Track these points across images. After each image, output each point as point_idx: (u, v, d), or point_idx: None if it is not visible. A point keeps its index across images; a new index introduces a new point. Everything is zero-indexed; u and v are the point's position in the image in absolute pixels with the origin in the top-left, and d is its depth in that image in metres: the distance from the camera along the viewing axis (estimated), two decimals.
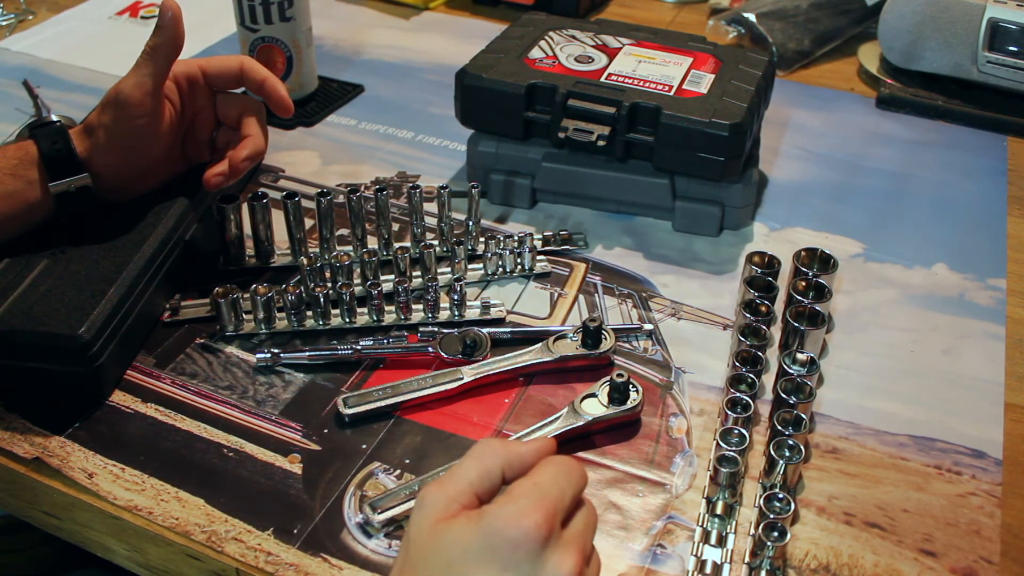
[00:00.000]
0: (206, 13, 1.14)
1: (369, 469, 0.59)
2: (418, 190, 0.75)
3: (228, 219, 0.73)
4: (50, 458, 0.60)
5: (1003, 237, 0.83)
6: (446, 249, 0.77)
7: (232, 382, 0.66)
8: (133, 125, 0.67)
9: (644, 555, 0.55)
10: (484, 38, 0.89)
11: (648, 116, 0.76)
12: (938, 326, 0.73)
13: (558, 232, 0.80)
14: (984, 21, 0.96)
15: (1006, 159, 0.94)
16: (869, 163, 0.93)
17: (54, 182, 0.66)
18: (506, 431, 0.62)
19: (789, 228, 0.83)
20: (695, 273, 0.77)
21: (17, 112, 0.97)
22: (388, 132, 0.96)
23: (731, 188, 0.79)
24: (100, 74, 1.04)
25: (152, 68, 0.67)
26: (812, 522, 0.57)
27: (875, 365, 0.69)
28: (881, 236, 0.82)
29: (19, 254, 0.66)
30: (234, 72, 0.72)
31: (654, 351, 0.69)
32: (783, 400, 0.61)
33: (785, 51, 1.09)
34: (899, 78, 1.04)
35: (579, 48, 0.86)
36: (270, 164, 0.89)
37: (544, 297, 0.74)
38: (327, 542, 0.55)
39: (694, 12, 1.23)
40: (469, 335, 0.68)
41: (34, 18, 1.19)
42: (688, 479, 0.60)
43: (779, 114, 0.99)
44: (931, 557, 0.55)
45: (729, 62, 0.84)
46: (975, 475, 0.61)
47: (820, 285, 0.69)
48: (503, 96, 0.79)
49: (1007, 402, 0.66)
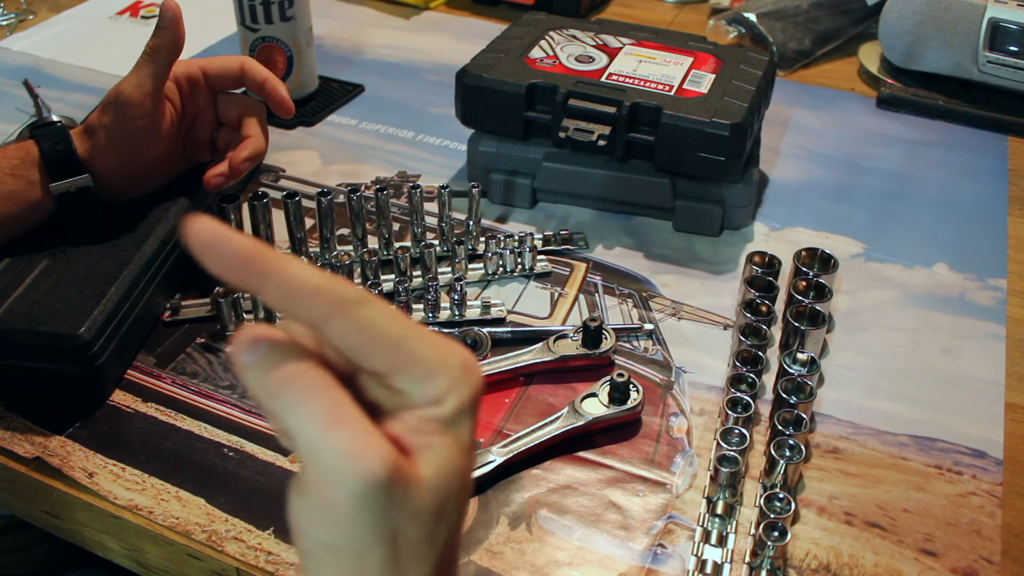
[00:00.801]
0: (206, 13, 1.14)
1: None
2: (418, 190, 0.75)
3: (229, 219, 0.73)
4: (50, 458, 0.60)
5: (1003, 237, 0.83)
6: (446, 249, 0.77)
7: (233, 381, 0.66)
8: (134, 126, 0.67)
9: (644, 555, 0.55)
10: (484, 38, 0.89)
11: (649, 116, 0.76)
12: (938, 326, 0.73)
13: (558, 232, 0.80)
14: (984, 21, 0.96)
15: (1006, 159, 0.94)
16: (869, 163, 0.93)
17: (55, 183, 0.66)
18: (506, 431, 0.62)
19: (789, 228, 0.83)
20: (695, 273, 0.77)
21: (18, 112, 0.97)
22: (388, 132, 0.96)
23: (731, 188, 0.79)
24: (100, 74, 1.04)
25: (153, 69, 0.67)
26: (812, 522, 0.57)
27: (875, 365, 0.69)
28: (881, 236, 0.82)
29: (19, 254, 0.66)
30: (235, 73, 0.72)
31: (654, 351, 0.69)
32: (783, 400, 0.61)
33: (785, 51, 1.09)
34: (899, 78, 1.04)
35: (579, 48, 0.86)
36: (270, 164, 0.89)
37: (544, 297, 0.74)
38: None
39: (694, 12, 1.23)
40: (469, 335, 0.68)
41: (34, 18, 1.19)
42: (688, 479, 0.60)
43: (779, 114, 0.99)
44: (932, 557, 0.55)
45: (729, 62, 0.84)
46: (976, 475, 0.61)
47: (820, 285, 0.69)
48: (503, 96, 0.79)
49: (1007, 402, 0.66)
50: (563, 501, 0.58)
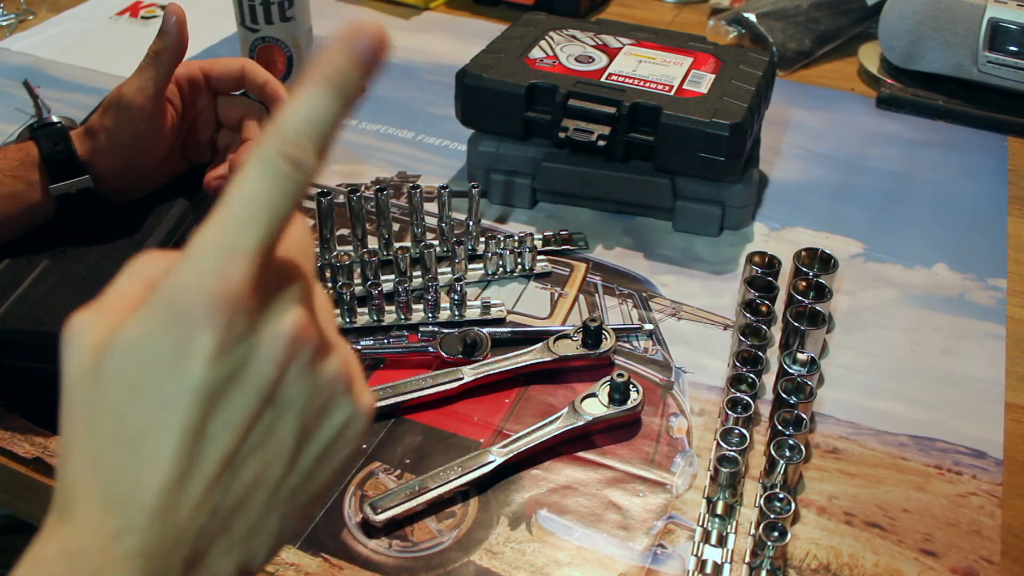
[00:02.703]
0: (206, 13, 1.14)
1: (369, 469, 0.60)
2: (418, 190, 0.75)
3: None
4: (51, 458, 0.60)
5: (1003, 237, 0.83)
6: (446, 249, 0.77)
7: None
8: (135, 129, 0.67)
9: (644, 555, 0.55)
10: (484, 38, 0.89)
11: (648, 116, 0.76)
12: (938, 326, 0.73)
13: (558, 232, 0.80)
14: (984, 21, 0.96)
15: (1006, 159, 0.94)
16: (869, 163, 0.93)
17: (55, 184, 0.66)
18: (506, 431, 0.62)
19: (789, 228, 0.83)
20: (695, 273, 0.77)
21: (18, 112, 0.97)
22: (388, 132, 0.96)
23: (731, 188, 0.79)
24: (100, 74, 1.04)
25: (155, 72, 0.67)
26: (812, 522, 0.57)
27: (875, 365, 0.69)
28: (881, 236, 0.82)
29: (19, 254, 0.66)
30: (235, 75, 0.72)
31: (654, 351, 0.69)
32: (783, 400, 0.61)
33: (785, 51, 1.09)
34: (899, 78, 1.04)
35: (579, 48, 0.86)
36: None
37: (544, 297, 0.74)
38: (327, 542, 0.55)
39: (694, 12, 1.23)
40: (469, 335, 0.68)
41: (34, 18, 1.19)
42: (688, 479, 0.60)
43: (779, 114, 0.99)
44: (931, 557, 0.55)
45: (729, 62, 0.84)
46: (975, 475, 0.61)
47: (820, 285, 0.69)
48: (503, 96, 0.79)
49: (1007, 402, 0.66)
50: (563, 501, 0.58)
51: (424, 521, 0.56)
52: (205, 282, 0.28)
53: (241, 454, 0.30)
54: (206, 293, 0.28)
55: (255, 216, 0.29)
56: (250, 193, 0.29)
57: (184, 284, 0.28)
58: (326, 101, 0.29)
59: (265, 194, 0.29)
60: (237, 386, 0.29)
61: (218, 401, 0.29)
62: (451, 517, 0.57)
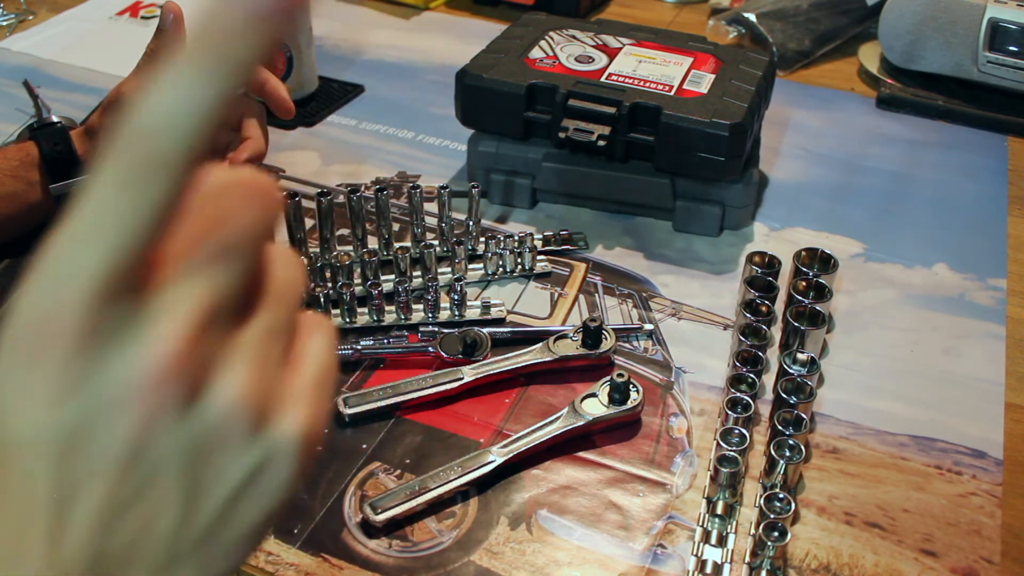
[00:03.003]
0: None
1: (369, 469, 0.60)
2: (418, 190, 0.75)
3: None
4: None
5: (1003, 237, 0.83)
6: (446, 249, 0.77)
7: None
8: None
9: (644, 555, 0.55)
10: (484, 38, 0.89)
11: (648, 116, 0.76)
12: (938, 326, 0.73)
13: (558, 232, 0.80)
14: (984, 21, 0.96)
15: (1006, 159, 0.94)
16: (869, 163, 0.93)
17: (55, 183, 0.66)
18: (506, 431, 0.62)
19: (789, 228, 0.83)
20: (695, 273, 0.77)
21: (18, 112, 0.97)
22: (388, 132, 0.96)
23: (731, 188, 0.79)
24: (100, 74, 1.04)
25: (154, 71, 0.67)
26: (812, 522, 0.57)
27: (875, 365, 0.69)
28: (881, 236, 0.82)
29: (20, 254, 0.66)
30: None
31: (654, 351, 0.69)
32: (783, 400, 0.61)
33: (785, 51, 1.09)
34: (899, 78, 1.04)
35: (579, 48, 0.86)
36: (271, 164, 0.89)
37: (544, 297, 0.74)
38: (327, 542, 0.55)
39: (694, 12, 1.23)
40: (469, 335, 0.68)
41: (34, 18, 1.19)
42: (688, 479, 0.60)
43: (779, 114, 0.99)
44: (931, 557, 0.55)
45: (729, 62, 0.84)
46: (975, 475, 0.61)
47: (820, 285, 0.69)
48: (503, 96, 0.79)
49: (1007, 402, 0.66)
50: (563, 501, 0.58)
51: (424, 521, 0.56)
52: (34, 313, 0.24)
53: (113, 509, 0.25)
54: (35, 328, 0.24)
55: (101, 232, 0.24)
56: (97, 206, 0.25)
57: (24, 319, 0.24)
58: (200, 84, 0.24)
59: (117, 207, 0.24)
60: (86, 445, 0.24)
61: (70, 457, 0.24)
62: (451, 517, 0.57)
